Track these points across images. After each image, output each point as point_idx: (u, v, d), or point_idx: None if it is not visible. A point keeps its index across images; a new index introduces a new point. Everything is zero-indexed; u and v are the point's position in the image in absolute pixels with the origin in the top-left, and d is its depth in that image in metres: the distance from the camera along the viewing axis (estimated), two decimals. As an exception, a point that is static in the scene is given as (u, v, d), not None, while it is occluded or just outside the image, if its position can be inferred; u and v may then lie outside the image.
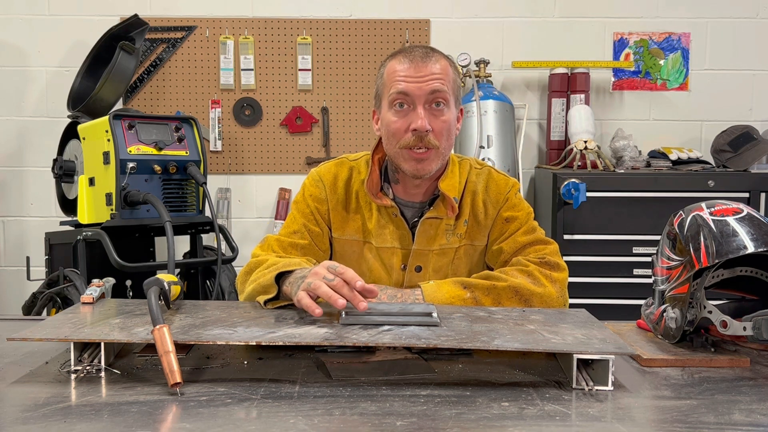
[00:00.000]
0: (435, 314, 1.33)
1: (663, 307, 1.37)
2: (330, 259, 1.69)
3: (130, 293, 2.74)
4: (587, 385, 1.15)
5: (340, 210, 1.68)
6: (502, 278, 1.55)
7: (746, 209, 1.31)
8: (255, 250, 1.66)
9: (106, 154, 2.72)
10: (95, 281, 1.52)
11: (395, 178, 1.67)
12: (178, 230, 2.92)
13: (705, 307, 1.30)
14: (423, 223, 1.64)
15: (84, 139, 2.89)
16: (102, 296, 1.50)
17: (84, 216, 2.84)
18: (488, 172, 1.72)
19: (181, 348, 1.31)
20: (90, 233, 2.74)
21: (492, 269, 1.68)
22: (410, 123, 1.54)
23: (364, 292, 1.30)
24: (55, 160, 3.06)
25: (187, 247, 3.17)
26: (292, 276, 1.42)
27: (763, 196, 3.14)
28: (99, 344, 1.23)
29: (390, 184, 1.68)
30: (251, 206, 3.72)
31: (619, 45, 3.68)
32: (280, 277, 1.44)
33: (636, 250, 3.14)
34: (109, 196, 2.72)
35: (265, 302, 1.44)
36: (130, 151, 2.73)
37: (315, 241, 1.67)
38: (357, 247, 1.68)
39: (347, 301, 1.28)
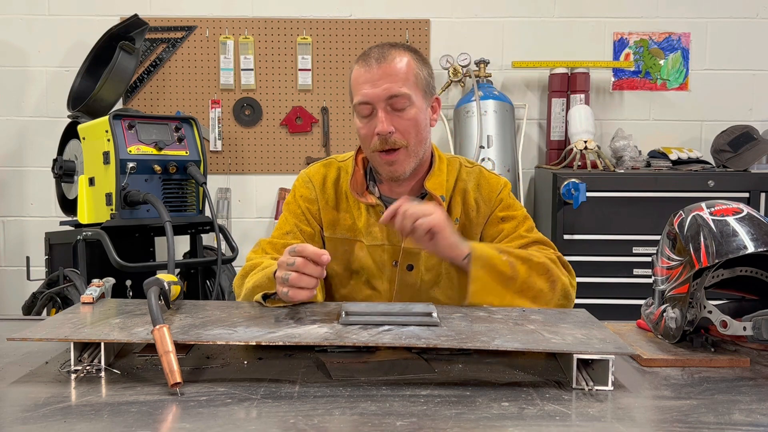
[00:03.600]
0: (435, 314, 1.33)
1: (663, 307, 1.37)
2: None
3: (130, 293, 2.73)
4: (587, 385, 1.15)
5: (330, 209, 1.69)
6: (535, 255, 1.54)
7: (746, 209, 1.31)
8: (249, 255, 1.67)
9: (106, 154, 2.72)
10: (95, 281, 1.52)
11: (379, 177, 1.68)
12: (178, 230, 2.92)
13: (705, 307, 1.30)
14: None
15: (84, 139, 2.89)
16: (102, 296, 1.50)
17: (84, 216, 2.84)
18: (479, 170, 1.72)
19: (181, 348, 1.31)
20: (90, 233, 2.74)
21: None
22: (374, 127, 1.55)
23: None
24: (55, 160, 3.06)
25: (187, 247, 3.17)
26: None
27: (763, 196, 3.14)
28: (99, 344, 1.23)
29: (376, 183, 1.68)
30: (251, 206, 3.72)
31: (619, 45, 3.68)
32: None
33: (636, 250, 3.14)
34: (109, 196, 2.72)
35: (264, 298, 1.44)
36: (130, 151, 2.73)
37: (307, 241, 1.66)
38: (348, 246, 1.68)
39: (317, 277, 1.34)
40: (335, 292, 1.71)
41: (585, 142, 3.32)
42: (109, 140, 2.70)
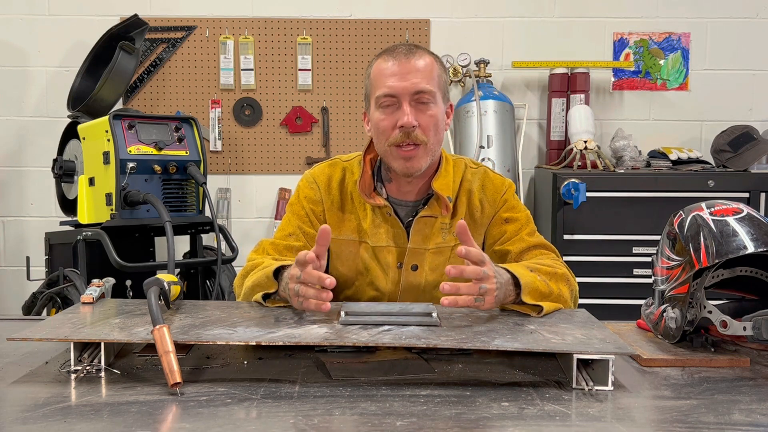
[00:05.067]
0: (435, 314, 1.33)
1: (663, 307, 1.37)
2: (327, 259, 1.68)
3: (130, 293, 2.73)
4: (587, 385, 1.15)
5: (335, 210, 1.69)
6: (555, 265, 1.54)
7: (746, 209, 1.31)
8: (250, 255, 1.66)
9: (106, 154, 2.72)
10: (95, 281, 1.52)
11: (388, 177, 1.67)
12: (178, 230, 2.92)
13: (705, 307, 1.30)
14: (417, 222, 1.64)
15: (84, 139, 2.89)
16: (102, 296, 1.50)
17: (84, 216, 2.84)
18: (484, 171, 1.72)
19: (181, 348, 1.31)
20: (90, 233, 2.74)
21: None
22: (397, 120, 1.55)
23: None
24: (55, 160, 3.06)
25: (187, 247, 3.17)
26: (285, 272, 1.43)
27: (763, 196, 3.14)
28: (99, 344, 1.23)
29: (383, 184, 1.68)
30: (251, 206, 3.71)
31: (619, 45, 3.68)
32: (278, 274, 1.45)
33: (636, 250, 3.14)
34: (109, 196, 2.72)
35: (264, 298, 1.44)
36: (130, 151, 2.72)
37: (310, 243, 1.65)
38: (353, 247, 1.68)
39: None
40: (340, 293, 1.71)
41: (585, 142, 3.32)
42: (109, 140, 2.70)
